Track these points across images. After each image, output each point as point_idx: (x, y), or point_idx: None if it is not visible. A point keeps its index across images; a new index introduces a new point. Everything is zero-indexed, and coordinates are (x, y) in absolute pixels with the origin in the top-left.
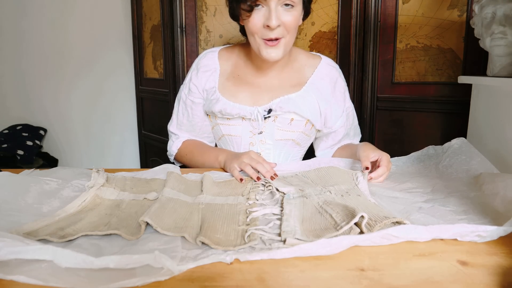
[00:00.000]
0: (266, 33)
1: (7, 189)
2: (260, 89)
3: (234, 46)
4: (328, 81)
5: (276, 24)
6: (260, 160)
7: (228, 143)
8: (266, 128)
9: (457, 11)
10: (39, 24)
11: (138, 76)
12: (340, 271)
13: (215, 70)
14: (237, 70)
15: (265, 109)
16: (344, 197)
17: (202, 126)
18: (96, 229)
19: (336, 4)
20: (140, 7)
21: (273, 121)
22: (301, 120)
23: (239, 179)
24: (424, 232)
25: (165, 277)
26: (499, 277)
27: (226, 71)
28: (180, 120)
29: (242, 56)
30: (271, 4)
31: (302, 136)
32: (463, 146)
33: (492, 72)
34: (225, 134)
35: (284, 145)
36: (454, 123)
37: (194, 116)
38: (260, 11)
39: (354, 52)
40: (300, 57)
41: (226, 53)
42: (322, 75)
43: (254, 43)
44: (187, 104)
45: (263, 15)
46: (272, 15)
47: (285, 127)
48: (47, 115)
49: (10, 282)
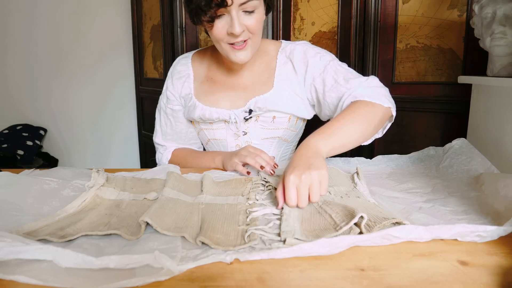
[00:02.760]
0: (231, 39)
1: (7, 189)
2: (235, 91)
3: (207, 48)
4: (290, 63)
5: (240, 31)
6: (258, 152)
7: (215, 147)
8: (249, 128)
9: (457, 11)
10: (39, 25)
11: (138, 76)
12: (340, 271)
13: (188, 76)
14: (211, 72)
15: (245, 110)
16: (344, 199)
17: (187, 132)
18: (96, 229)
19: (336, 4)
20: (140, 7)
21: (256, 120)
22: (284, 116)
23: (246, 173)
24: (424, 232)
25: (165, 277)
26: (499, 277)
27: (200, 75)
28: (164, 130)
29: (215, 58)
30: (232, 12)
31: (288, 132)
32: (463, 147)
33: (492, 72)
34: (210, 138)
35: (271, 143)
36: (454, 123)
37: (177, 123)
38: (222, 19)
39: (354, 52)
40: (269, 48)
41: (199, 57)
42: (284, 60)
43: (222, 49)
44: (167, 113)
45: (225, 22)
46: (234, 23)
47: (269, 126)
48: (47, 115)
49: (10, 282)
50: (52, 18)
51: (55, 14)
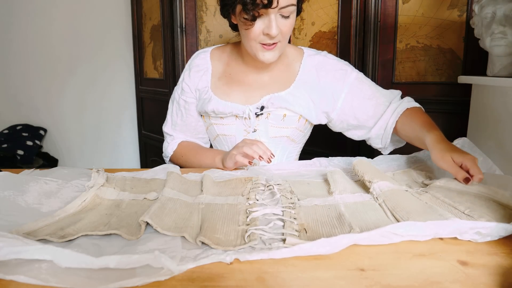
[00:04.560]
0: (265, 39)
1: (7, 189)
2: (252, 87)
3: (226, 45)
4: (315, 72)
5: (276, 33)
6: (255, 141)
7: (223, 143)
8: (259, 126)
9: (457, 11)
10: (40, 25)
11: (138, 76)
12: (340, 271)
13: (207, 70)
14: (229, 69)
15: (257, 107)
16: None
17: (196, 126)
18: (96, 229)
19: (336, 4)
20: (140, 7)
21: (266, 118)
22: (294, 115)
23: (248, 163)
24: (423, 228)
25: (165, 277)
26: (499, 277)
27: (218, 71)
28: (174, 121)
29: (234, 55)
30: (271, 14)
31: (296, 132)
32: (465, 146)
33: (492, 72)
34: (219, 134)
35: (279, 142)
36: (454, 123)
37: (188, 116)
38: (260, 19)
39: (354, 52)
40: (289, 52)
41: (218, 53)
42: (308, 67)
43: (251, 48)
44: (180, 104)
45: (263, 23)
46: (272, 25)
47: (279, 124)
48: (47, 115)
49: (10, 282)
50: (52, 18)
51: (55, 14)
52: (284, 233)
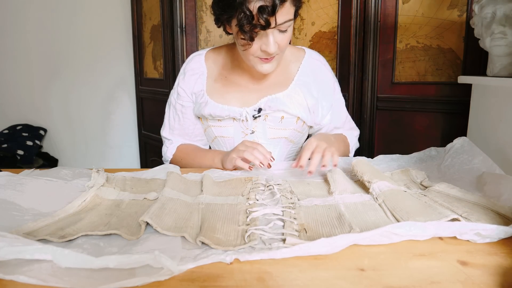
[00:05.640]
0: (262, 54)
1: (7, 189)
2: (248, 89)
3: (221, 47)
4: (313, 77)
5: (274, 50)
6: (255, 145)
7: (221, 145)
8: (257, 127)
9: (457, 11)
10: (40, 25)
11: (138, 76)
12: (340, 271)
13: (202, 73)
14: (225, 71)
15: (255, 109)
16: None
17: (194, 129)
18: (96, 229)
19: (336, 4)
20: (140, 7)
21: (264, 120)
22: (292, 117)
23: (248, 168)
24: (423, 228)
25: (165, 277)
26: (499, 277)
27: (214, 73)
28: (172, 125)
29: (230, 57)
30: (268, 33)
31: (294, 133)
32: (464, 145)
33: (492, 72)
34: (217, 136)
35: (277, 143)
36: (454, 123)
37: (185, 120)
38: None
39: (354, 52)
40: (287, 53)
41: (213, 55)
42: (307, 70)
43: (249, 61)
44: (177, 108)
45: (260, 39)
46: (270, 42)
47: (277, 126)
48: (47, 115)
49: (10, 282)
50: (52, 18)
51: (55, 13)
52: (284, 233)
